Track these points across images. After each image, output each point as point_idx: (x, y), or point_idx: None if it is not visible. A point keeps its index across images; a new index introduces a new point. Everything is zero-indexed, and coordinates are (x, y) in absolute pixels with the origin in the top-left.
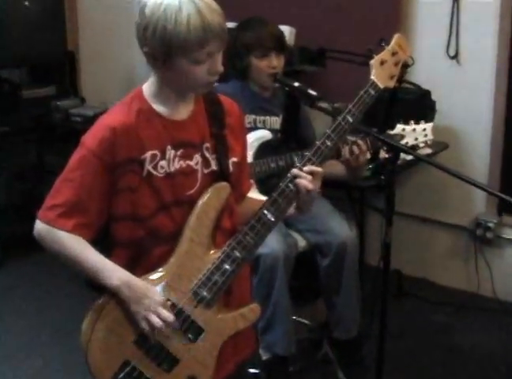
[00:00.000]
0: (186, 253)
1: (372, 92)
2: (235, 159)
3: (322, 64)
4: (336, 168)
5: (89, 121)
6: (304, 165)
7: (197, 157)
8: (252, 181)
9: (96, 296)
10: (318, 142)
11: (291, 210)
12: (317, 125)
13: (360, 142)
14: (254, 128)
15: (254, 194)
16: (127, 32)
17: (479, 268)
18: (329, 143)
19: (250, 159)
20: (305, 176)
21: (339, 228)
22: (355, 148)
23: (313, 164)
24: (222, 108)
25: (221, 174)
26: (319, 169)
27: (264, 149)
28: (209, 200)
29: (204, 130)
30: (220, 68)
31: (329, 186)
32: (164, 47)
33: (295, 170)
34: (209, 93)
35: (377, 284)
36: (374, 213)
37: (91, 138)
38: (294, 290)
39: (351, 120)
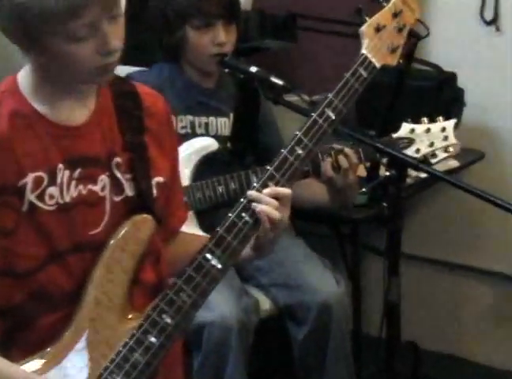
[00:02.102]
0: (90, 322)
1: (364, 74)
2: (160, 179)
3: (292, 37)
4: (313, 191)
5: None
6: (264, 185)
7: (104, 179)
8: (189, 212)
9: None
10: (284, 151)
11: (247, 252)
12: (288, 130)
13: (349, 152)
14: (192, 134)
15: (192, 230)
16: None
17: None
18: (300, 151)
19: (185, 180)
20: (266, 200)
21: (320, 282)
22: (341, 161)
23: (277, 184)
24: (140, 105)
25: (140, 202)
26: (287, 190)
27: (207, 166)
28: (124, 242)
29: (112, 139)
30: (116, 44)
31: (305, 218)
32: (19, 23)
33: (251, 193)
34: (121, 84)
35: (380, 364)
36: (372, 258)
37: None
38: (255, 374)
39: (332, 116)
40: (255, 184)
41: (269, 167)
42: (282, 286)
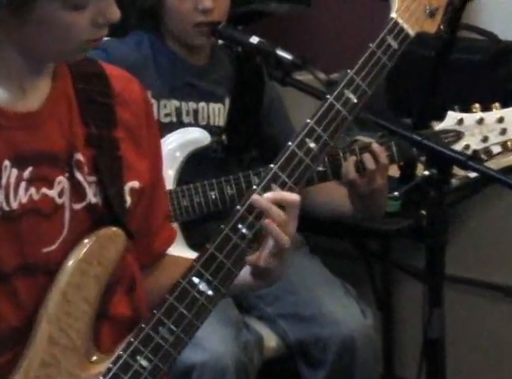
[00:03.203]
0: (42, 366)
1: (394, 44)
2: (135, 185)
3: None
4: (333, 197)
5: None
6: (267, 188)
7: (62, 181)
8: (175, 224)
9: None
10: (291, 144)
11: (246, 278)
12: (300, 118)
13: (377, 148)
14: (178, 124)
15: (177, 248)
16: None
17: None
18: (312, 144)
19: (168, 183)
20: (269, 208)
21: (342, 312)
22: (368, 160)
23: (283, 187)
24: (109, 91)
25: (108, 212)
26: (294, 196)
27: (196, 165)
28: (86, 264)
29: (73, 131)
30: (115, 13)
31: (322, 232)
32: None
33: (257, 199)
34: (83, 63)
35: None
36: (408, 282)
37: None
38: None
39: (354, 99)
40: (255, 186)
41: (272, 165)
42: (293, 317)
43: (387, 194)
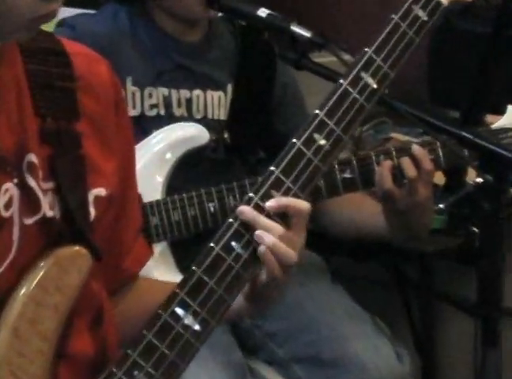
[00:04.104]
0: None
1: (422, 15)
2: (101, 192)
3: None
4: (362, 212)
5: None
6: (267, 196)
7: (10, 189)
8: (163, 243)
9: None
10: (296, 141)
11: (240, 304)
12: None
13: (419, 150)
14: (167, 118)
15: (167, 273)
16: None
17: None
18: (322, 141)
19: (156, 192)
20: (264, 224)
21: (372, 355)
22: (407, 166)
23: (287, 194)
24: (70, 74)
25: (68, 227)
26: (302, 203)
27: (191, 169)
28: (42, 291)
29: (24, 125)
30: None
31: (348, 254)
32: None
33: (243, 209)
34: (37, 40)
35: None
36: (455, 317)
37: None
38: None
39: (373, 84)
40: (251, 194)
41: (273, 168)
42: (310, 361)
43: (433, 209)
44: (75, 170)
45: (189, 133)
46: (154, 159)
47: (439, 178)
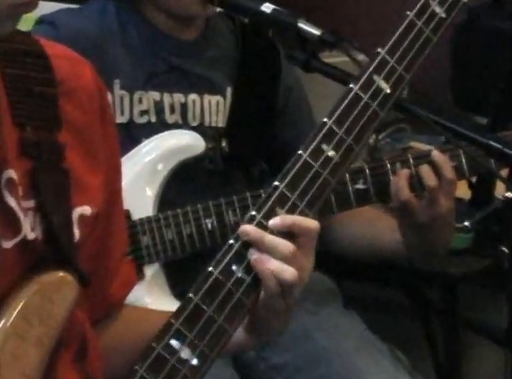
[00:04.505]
0: None
1: (441, 12)
2: (86, 210)
3: None
4: (376, 228)
5: None
6: (270, 213)
7: None
8: (155, 265)
9: None
10: (302, 153)
11: (241, 335)
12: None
13: (440, 158)
14: (159, 125)
15: (160, 300)
16: None
17: None
18: (331, 153)
19: (148, 207)
20: (270, 244)
21: None
22: (427, 175)
23: (293, 212)
24: (51, 78)
25: (51, 251)
26: (309, 221)
27: (186, 182)
28: (23, 323)
29: (1, 136)
30: None
31: (362, 276)
32: None
33: (245, 229)
34: (15, 40)
35: None
36: (482, 347)
37: None
38: None
39: (386, 89)
40: (253, 212)
41: (277, 183)
42: None
43: (454, 223)
44: (58, 186)
45: (183, 142)
46: (144, 171)
47: (465, 192)
